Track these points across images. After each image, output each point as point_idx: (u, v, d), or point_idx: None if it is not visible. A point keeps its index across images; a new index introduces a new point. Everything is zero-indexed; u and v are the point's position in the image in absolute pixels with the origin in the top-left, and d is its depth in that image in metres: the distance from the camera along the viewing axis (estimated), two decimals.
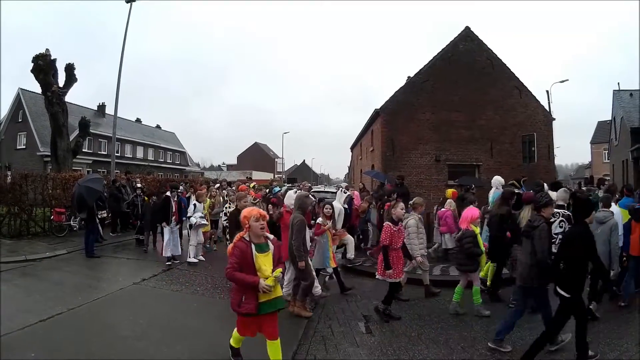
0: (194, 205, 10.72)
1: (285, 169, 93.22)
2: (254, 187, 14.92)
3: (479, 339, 5.70)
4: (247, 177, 15.96)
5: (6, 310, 6.37)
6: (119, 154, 39.29)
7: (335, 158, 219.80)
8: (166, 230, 10.20)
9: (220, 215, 12.29)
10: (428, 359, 5.19)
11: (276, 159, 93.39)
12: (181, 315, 6.67)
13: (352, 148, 39.15)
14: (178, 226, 10.54)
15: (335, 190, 12.34)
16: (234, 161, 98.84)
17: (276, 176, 70.77)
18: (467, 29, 20.25)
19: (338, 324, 6.35)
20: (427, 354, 5.29)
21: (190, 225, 10.43)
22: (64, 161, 17.97)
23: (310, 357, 5.22)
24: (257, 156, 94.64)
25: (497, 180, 10.64)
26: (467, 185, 12.31)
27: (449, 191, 11.31)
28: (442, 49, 20.19)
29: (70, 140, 19.72)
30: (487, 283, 7.93)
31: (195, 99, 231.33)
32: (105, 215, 13.08)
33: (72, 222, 13.76)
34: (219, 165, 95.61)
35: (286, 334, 5.83)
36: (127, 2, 19.23)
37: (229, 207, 10.86)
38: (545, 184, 9.92)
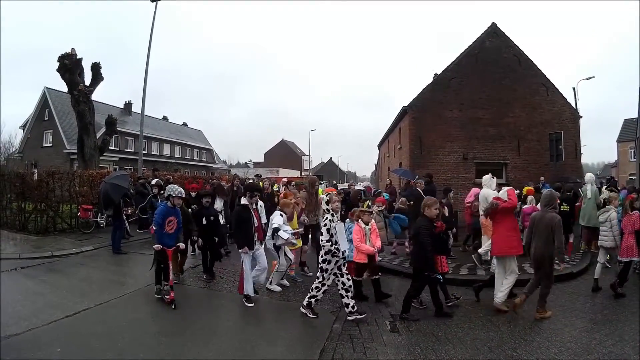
0: (280, 215, 7.95)
1: (312, 167, 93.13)
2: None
3: (505, 340, 5.58)
4: (255, 175, 15.49)
5: (33, 306, 6.48)
6: (145, 152, 39.85)
7: (362, 156, 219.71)
8: (246, 258, 7.09)
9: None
10: (455, 359, 5.08)
11: (303, 157, 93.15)
12: (209, 313, 6.65)
13: (379, 146, 38.84)
14: (262, 246, 7.60)
15: (361, 189, 11.74)
16: (261, 158, 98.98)
17: (303, 173, 70.79)
18: (494, 25, 19.87)
19: (365, 323, 6.24)
20: (454, 354, 5.16)
21: (276, 245, 7.86)
22: (91, 159, 18.19)
23: (337, 356, 5.11)
24: (283, 153, 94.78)
25: (590, 176, 11.70)
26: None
27: (526, 188, 11.57)
28: (469, 46, 19.83)
29: (97, 138, 19.96)
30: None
31: (222, 98, 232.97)
32: (130, 211, 13.11)
33: (98, 219, 13.86)
34: (246, 163, 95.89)
35: (313, 333, 5.81)
36: (152, 1, 19.46)
37: (334, 219, 6.61)
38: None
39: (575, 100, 22.70)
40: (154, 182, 11.42)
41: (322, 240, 6.39)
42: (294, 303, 7.09)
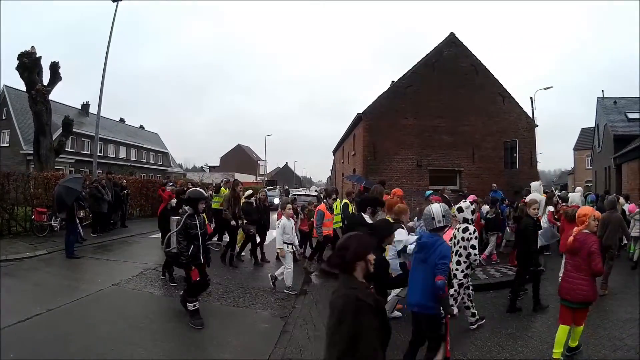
0: (402, 227, 6.48)
1: (268, 171, 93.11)
2: None
3: (454, 346, 5.69)
4: (233, 181, 15.07)
5: None
6: (101, 154, 39.46)
7: (318, 161, 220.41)
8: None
9: None
10: None
11: (259, 161, 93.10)
12: (159, 317, 6.72)
13: (334, 152, 39.08)
14: None
15: (314, 194, 11.20)
16: (217, 163, 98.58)
17: (258, 178, 70.77)
18: (452, 34, 20.39)
19: (314, 328, 6.30)
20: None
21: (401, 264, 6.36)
22: (47, 160, 17.89)
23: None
24: (239, 158, 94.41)
25: (580, 189, 15.15)
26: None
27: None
28: (426, 55, 20.27)
29: (54, 139, 19.65)
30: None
31: (179, 101, 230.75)
32: (82, 214, 12.95)
33: (52, 222, 13.66)
34: (202, 167, 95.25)
35: (262, 338, 5.92)
36: (114, 2, 19.25)
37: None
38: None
39: (533, 110, 23.49)
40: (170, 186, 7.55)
41: (473, 255, 5.96)
42: (243, 310, 7.27)
